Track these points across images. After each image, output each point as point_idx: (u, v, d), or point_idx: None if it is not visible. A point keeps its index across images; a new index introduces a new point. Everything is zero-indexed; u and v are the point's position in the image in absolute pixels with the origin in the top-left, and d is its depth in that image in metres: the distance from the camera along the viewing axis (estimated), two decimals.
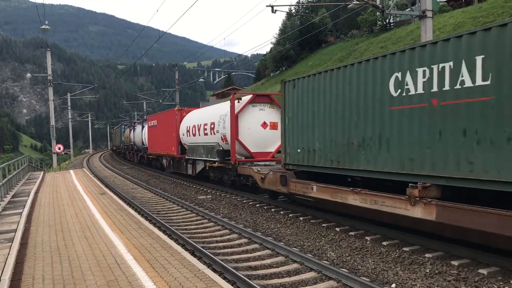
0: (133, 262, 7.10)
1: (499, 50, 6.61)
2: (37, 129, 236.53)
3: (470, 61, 7.03)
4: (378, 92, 8.99)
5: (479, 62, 6.88)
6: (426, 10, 14.64)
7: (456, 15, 38.95)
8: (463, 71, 7.15)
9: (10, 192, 17.49)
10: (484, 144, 6.88)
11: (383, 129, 8.91)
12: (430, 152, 7.81)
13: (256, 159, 17.09)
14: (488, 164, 6.82)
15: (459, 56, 7.22)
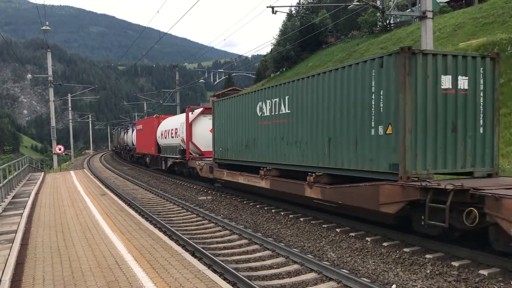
0: (134, 263, 7.10)
1: (294, 94, 12.26)
2: (37, 130, 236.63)
3: (284, 98, 12.81)
4: (252, 113, 14.80)
5: (287, 99, 12.62)
6: (427, 11, 14.63)
7: (456, 15, 38.96)
8: (282, 104, 12.89)
9: (11, 193, 17.50)
10: (289, 145, 12.53)
11: (255, 136, 14.64)
12: (271, 149, 13.61)
13: (205, 156, 22.08)
14: (291, 155, 12.44)
15: (280, 96, 12.97)
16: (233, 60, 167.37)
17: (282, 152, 12.84)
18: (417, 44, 34.32)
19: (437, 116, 8.75)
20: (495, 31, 29.74)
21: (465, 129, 8.98)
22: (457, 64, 8.96)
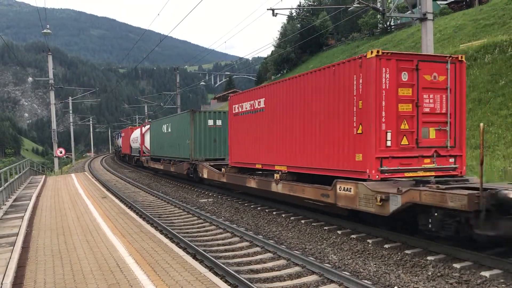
0: (135, 266, 7.10)
1: (171, 123, 26.33)
2: (38, 133, 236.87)
3: (168, 124, 26.86)
4: (161, 130, 28.26)
5: (170, 124, 26.25)
6: (427, 13, 14.66)
7: (457, 17, 38.97)
8: (168, 127, 26.50)
9: (12, 196, 17.50)
10: (171, 147, 25.77)
11: (162, 143, 28.40)
12: (173, 149, 25.25)
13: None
14: (172, 153, 25.27)
15: (167, 124, 27.01)
16: (234, 62, 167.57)
17: (170, 151, 25.90)
18: (418, 46, 34.34)
19: (206, 136, 21.95)
20: (496, 32, 29.76)
21: (220, 141, 21.82)
22: (215, 115, 22.47)
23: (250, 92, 15.91)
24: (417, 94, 9.73)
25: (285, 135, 12.90)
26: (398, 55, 9.71)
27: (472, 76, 25.10)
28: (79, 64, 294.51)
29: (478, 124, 20.71)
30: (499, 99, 21.63)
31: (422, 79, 9.78)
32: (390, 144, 9.48)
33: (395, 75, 9.52)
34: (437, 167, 9.93)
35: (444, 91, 10.02)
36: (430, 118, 9.88)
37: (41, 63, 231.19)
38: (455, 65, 10.20)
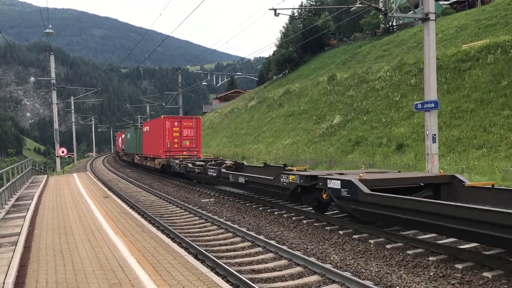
0: (136, 266, 7.10)
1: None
2: (40, 133, 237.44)
3: (127, 133, 46.18)
4: (128, 137, 45.28)
5: (129, 133, 46.19)
6: (429, 13, 14.63)
7: (459, 17, 38.93)
8: (127, 135, 45.42)
9: (14, 195, 17.54)
10: (130, 147, 44.19)
11: (137, 143, 38.37)
12: (129, 147, 42.24)
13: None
14: (131, 150, 42.14)
15: (128, 133, 44.55)
16: (236, 62, 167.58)
17: (129, 149, 39.80)
18: (420, 46, 34.32)
19: (141, 141, 35.89)
20: (498, 32, 29.71)
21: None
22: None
23: (148, 122, 35.73)
24: (180, 129, 27.46)
25: (148, 141, 32.31)
26: (172, 118, 27.92)
27: (474, 76, 25.08)
28: (81, 64, 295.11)
29: (480, 124, 20.70)
30: (501, 99, 21.59)
31: (183, 124, 27.64)
32: (169, 146, 26.98)
33: (172, 123, 27.27)
34: (189, 154, 27.41)
35: (191, 128, 27.80)
36: (186, 138, 27.59)
37: (43, 62, 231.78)
38: (197, 119, 28.59)
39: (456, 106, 23.40)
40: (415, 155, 20.77)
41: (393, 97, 29.99)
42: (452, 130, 21.69)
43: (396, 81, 31.83)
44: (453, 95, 24.71)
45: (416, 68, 30.63)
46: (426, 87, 15.05)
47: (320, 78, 47.24)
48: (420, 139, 21.80)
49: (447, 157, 19.27)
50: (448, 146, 20.36)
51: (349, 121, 31.59)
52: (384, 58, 41.62)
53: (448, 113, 23.22)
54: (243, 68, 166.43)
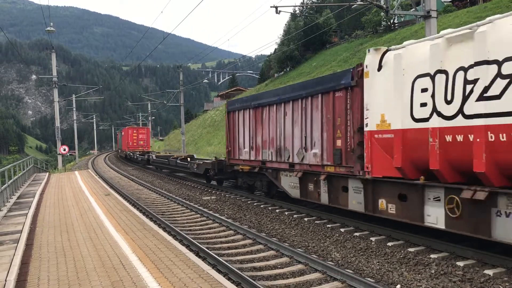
0: (138, 263, 7.12)
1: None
2: (42, 131, 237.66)
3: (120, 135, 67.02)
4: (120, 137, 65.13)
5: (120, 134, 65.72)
6: (431, 10, 14.60)
7: (460, 15, 38.82)
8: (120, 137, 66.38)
9: (16, 193, 17.58)
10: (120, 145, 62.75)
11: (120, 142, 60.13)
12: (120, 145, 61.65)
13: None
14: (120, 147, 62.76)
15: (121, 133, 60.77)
16: (237, 60, 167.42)
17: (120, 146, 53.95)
18: None
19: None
20: None
21: None
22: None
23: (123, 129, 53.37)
24: (137, 135, 50.00)
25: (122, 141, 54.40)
26: (132, 128, 52.69)
27: None
28: (82, 61, 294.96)
29: None
30: None
31: (139, 131, 49.85)
32: (130, 144, 49.73)
33: (132, 131, 50.91)
34: (142, 150, 46.13)
35: (144, 133, 50.39)
36: (141, 139, 49.70)
37: (45, 60, 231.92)
38: (147, 129, 54.08)
39: None
40: None
41: None
42: None
43: None
44: None
45: None
46: None
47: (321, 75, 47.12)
48: None
49: None
50: None
51: None
52: None
53: None
54: (245, 66, 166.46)
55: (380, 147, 9.43)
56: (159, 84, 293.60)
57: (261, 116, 15.17)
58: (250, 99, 16.40)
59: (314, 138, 11.99)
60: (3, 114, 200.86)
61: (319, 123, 11.74)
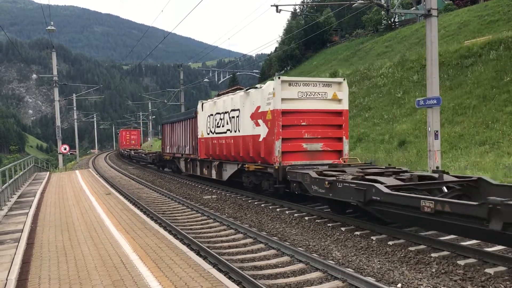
0: (139, 262, 7.12)
1: None
2: (43, 130, 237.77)
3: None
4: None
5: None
6: (431, 9, 14.58)
7: (461, 13, 38.80)
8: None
9: (17, 192, 17.59)
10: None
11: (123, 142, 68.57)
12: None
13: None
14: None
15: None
16: (237, 59, 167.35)
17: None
18: (422, 42, 34.20)
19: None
20: (501, 28, 29.60)
21: None
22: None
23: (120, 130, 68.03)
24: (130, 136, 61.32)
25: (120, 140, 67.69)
26: (126, 130, 63.67)
27: (476, 72, 25.00)
28: (83, 61, 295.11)
29: (483, 121, 20.65)
30: (504, 95, 21.51)
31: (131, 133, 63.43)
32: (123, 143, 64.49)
33: (125, 132, 63.37)
34: (134, 148, 56.20)
35: (135, 135, 63.37)
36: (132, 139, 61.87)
37: (45, 60, 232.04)
38: (138, 130, 67.08)
39: (459, 103, 23.33)
40: (417, 152, 20.74)
41: (395, 94, 29.91)
42: (455, 127, 21.63)
43: (398, 77, 31.74)
44: (456, 92, 24.63)
45: (419, 65, 30.53)
46: (429, 83, 15.01)
47: (322, 74, 47.14)
48: (422, 135, 21.76)
49: (449, 153, 19.24)
50: (450, 143, 20.32)
51: (351, 117, 31.50)
52: (386, 55, 41.52)
53: (450, 110, 23.16)
54: (245, 65, 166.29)
55: (202, 145, 20.91)
56: (159, 83, 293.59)
57: (173, 128, 27.22)
58: (170, 117, 30.05)
59: (187, 141, 24.04)
60: (4, 114, 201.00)
61: (187, 134, 23.78)
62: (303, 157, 14.36)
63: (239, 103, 16.47)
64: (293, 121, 14.12)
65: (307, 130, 14.36)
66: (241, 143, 16.39)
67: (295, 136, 14.23)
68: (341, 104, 14.75)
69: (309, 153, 14.39)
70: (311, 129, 14.40)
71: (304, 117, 14.29)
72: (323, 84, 14.66)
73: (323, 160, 14.42)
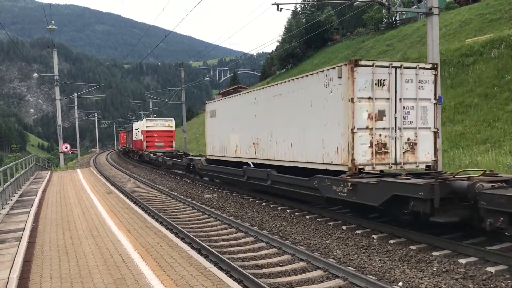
0: (140, 261, 7.13)
1: None
2: (44, 129, 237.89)
3: None
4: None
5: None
6: (433, 7, 14.54)
7: (462, 12, 38.71)
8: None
9: (18, 191, 17.61)
10: None
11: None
12: None
13: None
14: None
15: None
16: (238, 58, 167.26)
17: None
18: (423, 41, 34.16)
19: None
20: (502, 27, 29.53)
21: None
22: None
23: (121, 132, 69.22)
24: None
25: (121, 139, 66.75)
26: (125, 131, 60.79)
27: (478, 71, 24.94)
28: (84, 60, 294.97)
29: (484, 119, 20.62)
30: (505, 94, 21.47)
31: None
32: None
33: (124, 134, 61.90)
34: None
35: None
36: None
37: (46, 59, 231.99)
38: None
39: (460, 101, 23.29)
40: None
41: None
42: (456, 125, 21.60)
43: None
44: (457, 90, 24.59)
45: None
46: None
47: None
48: None
49: (451, 152, 19.21)
50: (451, 141, 20.29)
51: None
52: (388, 53, 41.45)
53: (451, 108, 23.12)
54: (246, 64, 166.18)
55: None
56: (160, 82, 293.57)
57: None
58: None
59: None
60: (5, 113, 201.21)
61: None
62: None
63: None
64: None
65: None
66: None
67: None
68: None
69: None
70: None
71: None
72: None
73: None
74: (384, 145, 10.56)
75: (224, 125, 18.48)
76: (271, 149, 14.26)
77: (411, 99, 10.83)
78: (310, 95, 11.89)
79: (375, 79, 10.39)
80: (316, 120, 11.61)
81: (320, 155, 11.43)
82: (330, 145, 11.00)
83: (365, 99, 10.35)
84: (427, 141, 11.04)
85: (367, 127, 10.35)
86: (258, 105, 15.23)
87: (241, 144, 16.75)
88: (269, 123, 14.37)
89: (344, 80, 10.42)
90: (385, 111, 10.53)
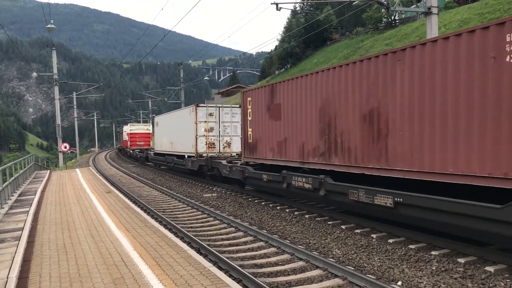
0: (139, 260, 7.13)
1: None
2: (43, 128, 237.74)
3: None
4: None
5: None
6: (432, 7, 14.56)
7: (462, 11, 38.72)
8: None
9: (17, 190, 17.59)
10: None
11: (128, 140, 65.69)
12: None
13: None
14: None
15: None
16: (238, 57, 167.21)
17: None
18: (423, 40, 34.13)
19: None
20: None
21: None
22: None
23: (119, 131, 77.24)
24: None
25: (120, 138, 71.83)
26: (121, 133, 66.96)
27: None
28: (83, 59, 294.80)
29: None
30: None
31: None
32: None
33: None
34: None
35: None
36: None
37: (45, 58, 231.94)
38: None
39: None
40: None
41: None
42: None
43: None
44: None
45: None
46: None
47: None
48: None
49: None
50: None
51: None
52: None
53: None
54: (245, 63, 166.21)
55: None
56: (159, 81, 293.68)
57: None
58: None
59: None
60: (4, 112, 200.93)
61: None
62: None
63: None
64: None
65: None
66: None
67: None
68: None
69: None
70: None
71: None
72: None
73: None
74: (213, 143, 21.64)
75: (161, 131, 30.69)
76: (176, 146, 25.93)
77: (228, 121, 21.88)
78: (184, 118, 23.44)
79: (208, 113, 21.54)
80: (186, 131, 22.84)
81: (187, 148, 23.00)
82: (189, 143, 22.45)
83: (203, 122, 21.49)
84: (237, 142, 21.28)
85: (204, 135, 21.47)
86: (172, 122, 26.81)
87: (166, 143, 28.49)
88: (174, 132, 26.32)
89: (193, 113, 21.50)
90: (214, 128, 21.60)
